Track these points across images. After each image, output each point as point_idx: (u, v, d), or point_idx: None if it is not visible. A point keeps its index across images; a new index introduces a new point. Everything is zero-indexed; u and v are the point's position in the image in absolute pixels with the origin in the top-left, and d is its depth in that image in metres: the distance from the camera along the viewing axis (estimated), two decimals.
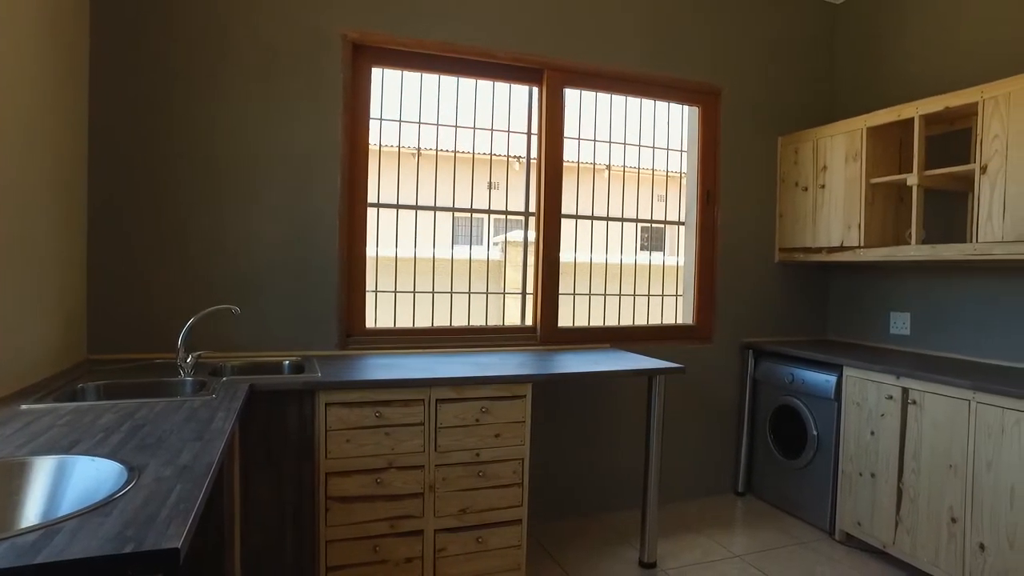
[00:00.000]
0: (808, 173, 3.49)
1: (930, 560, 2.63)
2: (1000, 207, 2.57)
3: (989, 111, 2.62)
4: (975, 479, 2.45)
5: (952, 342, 3.17)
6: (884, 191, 3.18)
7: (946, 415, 2.56)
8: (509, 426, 2.41)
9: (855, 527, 2.98)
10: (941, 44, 3.26)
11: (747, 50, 3.62)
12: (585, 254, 3.60)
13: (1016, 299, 2.91)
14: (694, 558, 2.89)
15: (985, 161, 2.63)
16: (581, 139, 3.44)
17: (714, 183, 3.57)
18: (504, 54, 3.07)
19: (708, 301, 3.59)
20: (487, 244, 4.10)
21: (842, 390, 3.03)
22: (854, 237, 3.19)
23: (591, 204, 3.49)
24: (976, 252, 2.66)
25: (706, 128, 3.56)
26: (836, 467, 3.07)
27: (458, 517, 2.37)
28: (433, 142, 3.15)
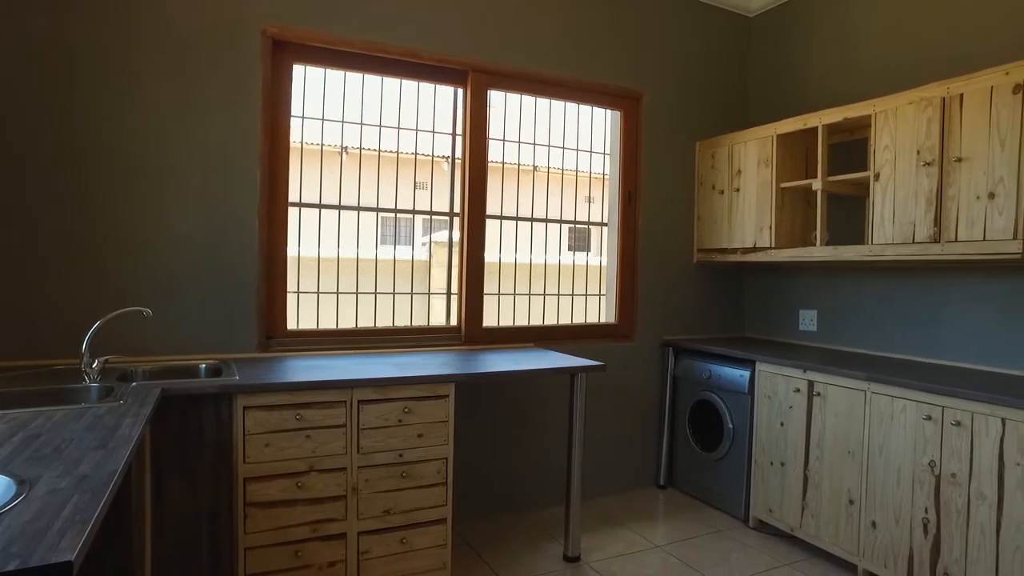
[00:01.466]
0: (724, 177, 3.65)
1: (831, 540, 2.80)
2: (890, 212, 2.77)
3: (880, 124, 2.81)
4: (869, 463, 2.63)
5: (854, 337, 3.38)
6: (793, 195, 3.36)
7: (845, 405, 2.74)
8: (432, 426, 2.42)
9: (767, 514, 3.14)
10: (842, 59, 3.48)
11: (667, 58, 3.75)
12: (513, 254, 3.64)
13: (906, 297, 3.13)
14: (617, 550, 2.97)
15: (877, 169, 2.83)
16: (506, 140, 3.47)
17: (635, 185, 3.68)
18: (429, 55, 3.07)
19: (629, 300, 3.70)
20: (416, 244, 4.08)
21: (755, 384, 3.18)
22: (766, 238, 3.36)
23: (515, 205, 3.53)
24: (871, 254, 2.85)
25: (627, 132, 3.66)
26: (750, 458, 3.23)
27: (382, 519, 2.36)
28: (360, 142, 3.12)
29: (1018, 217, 2.36)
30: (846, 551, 2.74)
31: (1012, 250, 2.37)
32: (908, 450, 2.49)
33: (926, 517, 2.43)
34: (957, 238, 2.54)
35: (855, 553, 2.70)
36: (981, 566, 2.26)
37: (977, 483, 2.27)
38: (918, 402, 2.46)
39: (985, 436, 2.25)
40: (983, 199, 2.46)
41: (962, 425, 2.32)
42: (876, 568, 2.62)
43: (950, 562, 2.35)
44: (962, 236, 2.53)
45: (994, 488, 2.23)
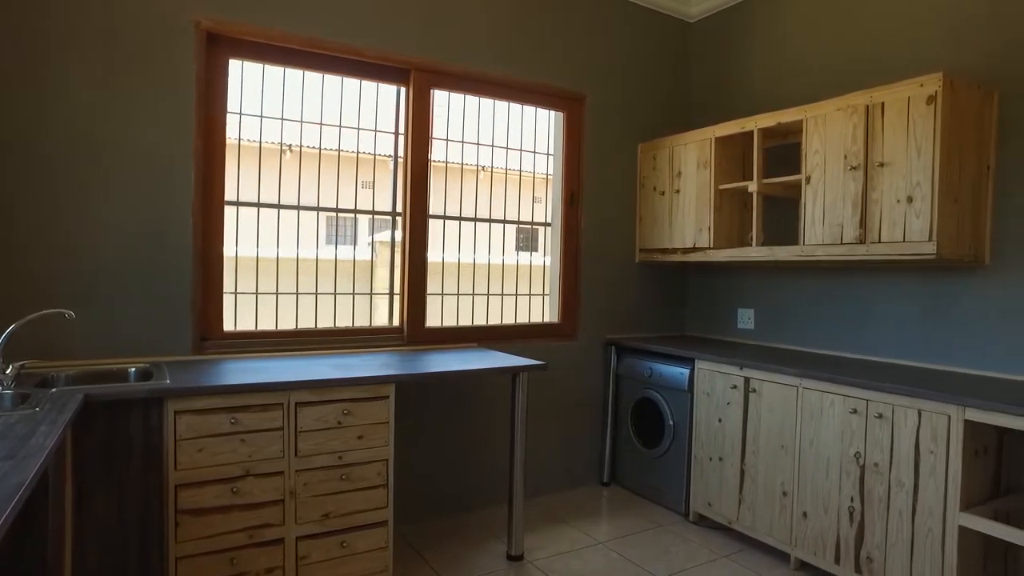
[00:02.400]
0: (665, 178, 3.72)
1: (766, 531, 2.89)
2: (821, 214, 2.88)
3: (811, 129, 2.92)
4: (801, 456, 2.73)
5: (789, 335, 3.50)
6: (731, 197, 3.46)
7: (779, 401, 2.83)
8: (372, 427, 2.40)
9: (706, 507, 3.22)
10: (778, 66, 3.60)
11: (609, 60, 3.80)
12: (457, 254, 3.63)
13: (836, 295, 3.26)
14: (560, 548, 3.00)
15: (808, 173, 2.93)
16: (449, 140, 3.47)
17: (578, 186, 3.72)
18: (370, 52, 3.04)
19: (572, 300, 3.74)
20: (360, 244, 4.03)
21: (694, 382, 3.26)
22: (705, 239, 3.45)
23: (459, 205, 3.52)
24: (803, 254, 2.96)
25: (570, 133, 3.70)
26: (690, 453, 3.30)
27: (321, 523, 2.32)
28: (300, 140, 3.06)
29: (933, 220, 2.48)
30: (780, 541, 2.84)
31: (928, 251, 2.50)
32: (836, 442, 2.59)
33: (852, 505, 2.54)
34: (880, 239, 2.66)
35: (788, 543, 2.80)
36: (899, 549, 2.38)
37: (896, 471, 2.39)
38: (845, 396, 2.56)
39: (904, 427, 2.36)
40: (903, 203, 2.58)
41: (884, 417, 2.43)
42: (807, 556, 2.72)
43: (872, 547, 2.46)
44: (885, 237, 2.65)
45: (911, 475, 2.34)
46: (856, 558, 2.52)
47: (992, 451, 2.37)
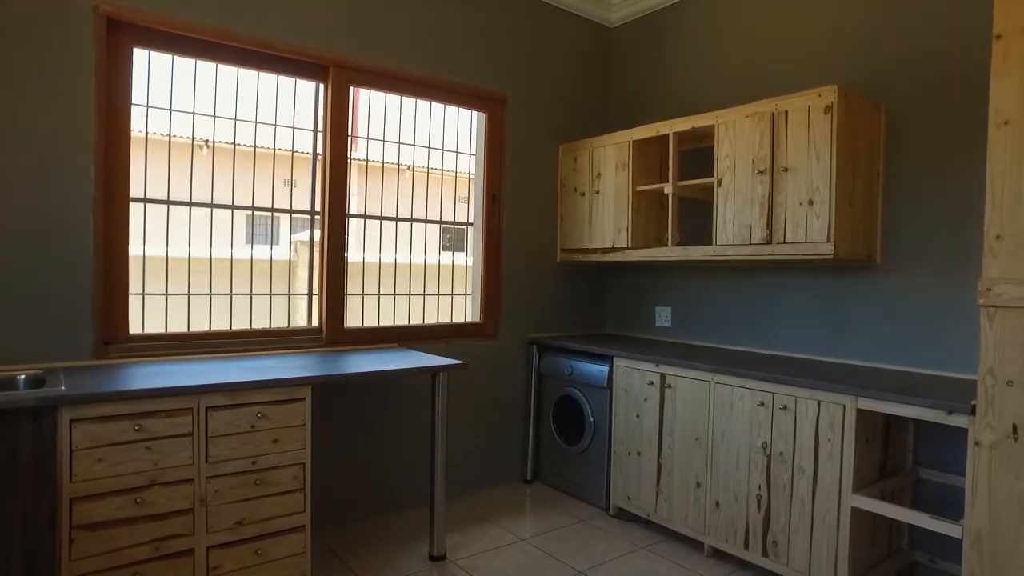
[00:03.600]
0: (585, 180, 3.80)
1: (682, 521, 3.00)
2: (731, 215, 3.01)
3: (722, 134, 3.05)
4: (713, 448, 2.85)
5: (704, 332, 3.64)
6: (648, 198, 3.56)
7: (693, 396, 2.94)
8: (288, 430, 2.33)
9: (626, 501, 3.30)
10: (693, 72, 3.74)
11: (531, 62, 3.85)
12: (378, 254, 3.59)
13: (747, 294, 3.42)
14: (483, 546, 3.01)
15: (720, 176, 3.06)
16: (370, 139, 3.42)
17: (499, 186, 3.75)
18: (286, 47, 2.96)
19: (494, 300, 3.76)
20: (282, 244, 3.92)
21: (613, 379, 3.34)
22: (623, 239, 3.54)
23: (382, 204, 3.48)
24: (716, 254, 3.09)
25: (492, 134, 3.72)
26: (610, 449, 3.38)
27: (234, 530, 2.24)
28: (213, 135, 2.94)
29: (831, 222, 2.65)
30: (694, 530, 2.95)
31: (826, 251, 2.66)
32: (745, 434, 2.72)
33: (759, 493, 2.67)
34: (785, 240, 2.81)
35: (702, 531, 2.91)
36: (800, 532, 2.52)
37: (799, 459, 2.53)
38: (753, 390, 2.69)
39: (805, 417, 2.51)
40: (804, 205, 2.73)
41: (788, 409, 2.56)
42: (719, 543, 2.84)
43: (777, 531, 2.60)
44: (789, 238, 2.80)
45: (811, 462, 2.49)
46: (763, 542, 2.65)
47: (880, 437, 2.55)
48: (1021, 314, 1.94)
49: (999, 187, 1.99)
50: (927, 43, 2.75)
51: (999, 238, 1.99)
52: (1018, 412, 1.95)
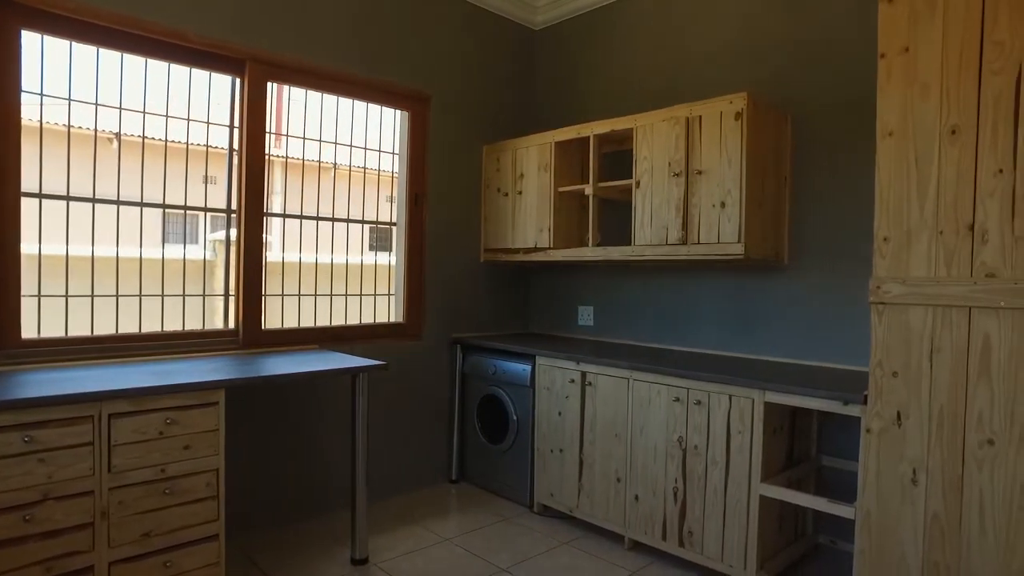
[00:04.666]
0: (508, 180, 3.83)
1: (603, 516, 3.07)
2: (649, 216, 3.10)
3: (640, 137, 3.14)
4: (632, 443, 2.93)
5: (624, 330, 3.74)
6: (569, 199, 3.62)
7: (612, 393, 3.01)
8: (200, 436, 2.25)
9: (549, 498, 3.35)
10: (614, 76, 3.83)
11: (455, 62, 3.84)
12: (310, 254, 3.50)
13: (665, 293, 3.53)
14: (407, 548, 2.99)
15: (638, 178, 3.15)
16: (289, 135, 3.34)
17: (423, 187, 3.73)
18: (199, 38, 2.84)
19: (418, 300, 3.74)
20: (200, 243, 3.76)
21: (535, 377, 3.38)
22: (545, 239, 3.59)
23: (301, 202, 3.40)
24: (634, 254, 3.17)
25: (415, 133, 3.70)
26: (533, 447, 3.42)
27: (140, 543, 2.13)
28: (120, 127, 2.80)
29: (741, 224, 2.77)
30: (615, 524, 3.02)
31: (737, 252, 2.78)
32: (662, 429, 2.81)
33: (676, 486, 2.76)
34: (699, 241, 2.92)
35: (622, 525, 2.99)
36: (713, 521, 2.63)
37: (712, 451, 2.63)
38: (669, 386, 2.78)
39: (718, 411, 2.61)
40: (717, 207, 2.85)
41: (702, 404, 2.67)
42: (639, 536, 2.92)
43: (692, 521, 2.70)
44: (703, 239, 2.91)
45: (723, 454, 2.60)
46: (680, 533, 2.75)
47: (787, 428, 2.68)
48: (904, 310, 2.09)
49: (886, 193, 2.14)
50: (829, 56, 2.91)
51: (886, 240, 2.14)
52: (902, 401, 2.09)
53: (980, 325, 1.95)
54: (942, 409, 2.02)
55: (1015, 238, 1.88)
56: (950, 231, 2.01)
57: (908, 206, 2.09)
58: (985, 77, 1.94)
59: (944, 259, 2.02)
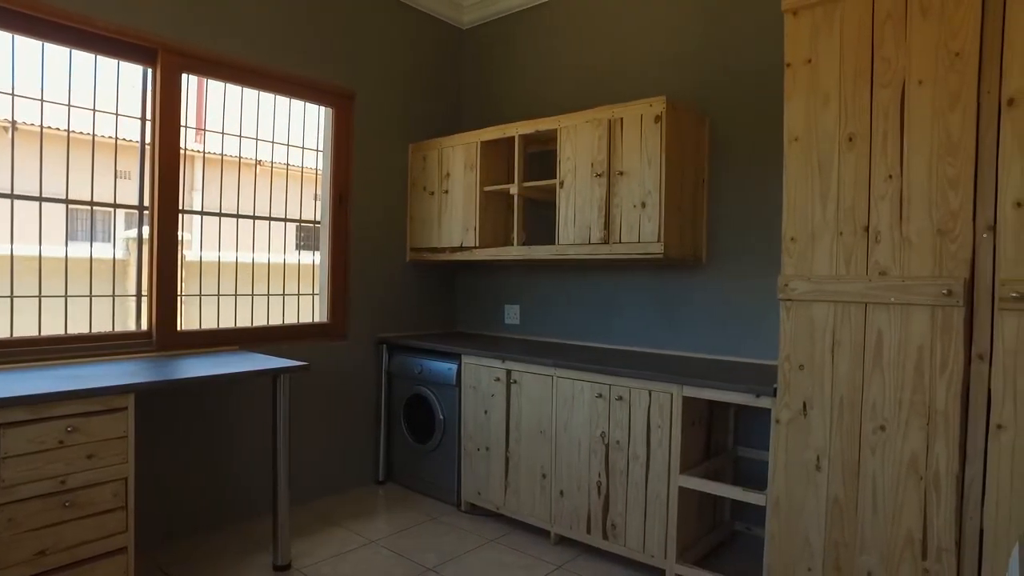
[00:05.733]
0: (434, 179, 3.81)
1: (529, 512, 3.10)
2: (572, 216, 3.16)
3: (564, 138, 3.19)
4: (557, 440, 2.97)
5: (550, 328, 3.79)
6: (495, 198, 3.64)
7: (537, 390, 3.05)
8: (106, 444, 2.14)
9: (476, 496, 3.35)
10: (540, 76, 3.87)
11: (381, 59, 3.80)
12: (231, 253, 3.38)
13: (588, 291, 3.60)
14: (330, 551, 2.93)
15: (562, 178, 3.20)
16: (207, 130, 3.22)
17: (347, 185, 3.67)
18: (105, 23, 2.70)
19: (342, 299, 3.68)
20: (108, 240, 3.57)
21: (461, 376, 3.38)
22: (471, 238, 3.59)
23: (220, 198, 3.29)
24: (558, 253, 3.22)
25: (339, 130, 3.63)
26: (460, 446, 3.42)
27: (34, 562, 2.00)
28: (12, 115, 2.62)
29: (661, 224, 2.85)
30: (541, 520, 3.06)
31: (657, 251, 2.87)
32: (586, 425, 2.86)
33: (599, 480, 2.82)
34: (621, 240, 2.99)
35: (548, 521, 3.03)
36: (635, 513, 2.70)
37: (634, 446, 2.70)
38: (592, 383, 2.84)
39: (639, 407, 2.68)
40: (638, 208, 2.93)
41: (623, 400, 2.73)
42: (564, 531, 2.97)
43: (615, 514, 2.77)
44: (624, 238, 2.98)
45: (644, 448, 2.67)
46: (604, 526, 2.81)
47: (704, 421, 2.79)
48: (808, 306, 2.21)
49: (792, 196, 2.25)
50: (744, 64, 3.04)
51: (793, 240, 2.25)
52: (807, 392, 2.21)
53: (874, 320, 2.08)
54: (842, 399, 2.14)
55: (903, 239, 2.02)
56: (848, 232, 2.14)
57: (812, 208, 2.21)
58: (876, 89, 2.07)
59: (844, 258, 2.15)
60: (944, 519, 1.95)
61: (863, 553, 2.10)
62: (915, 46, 2.00)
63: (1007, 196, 1.84)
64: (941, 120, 1.96)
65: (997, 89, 1.87)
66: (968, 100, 1.91)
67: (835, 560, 2.15)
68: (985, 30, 1.90)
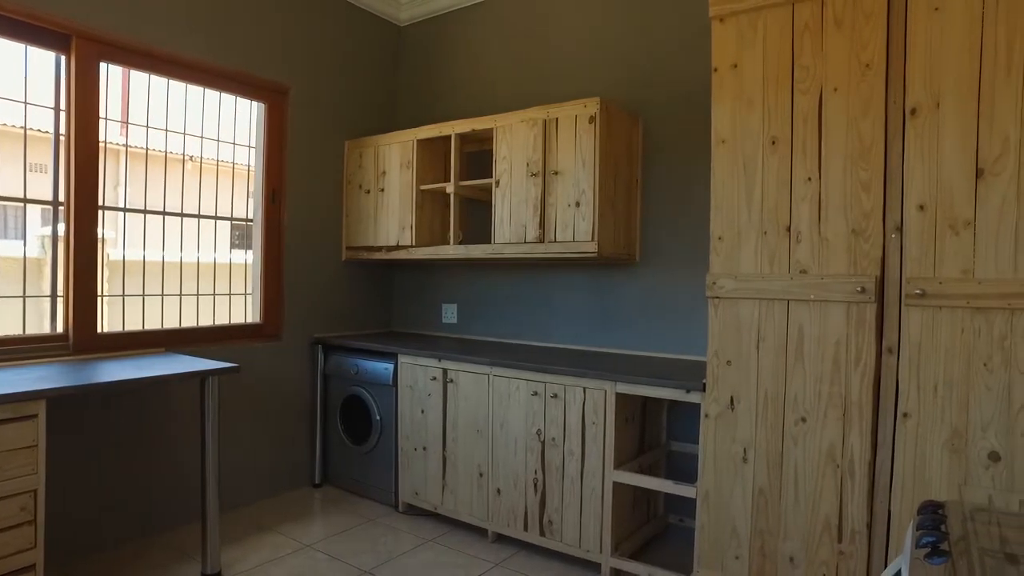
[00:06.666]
0: (370, 177, 3.76)
1: (467, 511, 3.10)
2: (508, 215, 3.17)
3: (500, 137, 3.20)
4: (494, 438, 2.98)
5: (487, 327, 3.79)
6: (432, 197, 3.62)
7: (474, 389, 3.05)
8: (13, 454, 2.02)
9: (414, 496, 3.33)
10: (477, 76, 3.87)
11: (317, 54, 3.72)
12: (156, 252, 3.24)
13: (524, 290, 3.63)
14: (263, 557, 2.86)
15: (498, 177, 3.21)
16: (128, 123, 3.08)
17: (280, 182, 3.58)
18: (13, 6, 2.55)
19: (276, 299, 3.59)
20: (12, 236, 3.37)
21: (398, 376, 3.35)
22: (407, 237, 3.56)
23: (145, 194, 3.15)
24: (494, 252, 3.23)
25: (272, 126, 3.54)
26: (397, 446, 3.39)
27: None
28: None
29: (595, 223, 2.90)
30: (479, 518, 3.06)
31: (591, 250, 2.91)
32: (522, 422, 2.88)
33: (536, 477, 2.84)
34: (556, 239, 3.02)
35: (486, 519, 3.03)
36: (571, 509, 2.74)
37: (569, 443, 2.74)
38: (528, 381, 2.86)
39: (573, 404, 2.72)
40: (572, 207, 2.96)
41: (558, 397, 2.77)
42: (502, 528, 2.98)
43: (552, 511, 2.80)
44: (559, 237, 3.01)
45: (579, 445, 2.71)
46: (540, 523, 2.84)
47: (638, 417, 2.85)
48: (735, 304, 2.29)
49: (720, 196, 2.33)
50: (676, 67, 3.12)
51: (721, 239, 2.33)
52: (734, 386, 2.29)
53: (796, 316, 2.17)
54: (767, 393, 2.23)
55: (822, 239, 2.12)
56: (772, 232, 2.22)
57: (738, 208, 2.29)
58: (796, 95, 2.16)
59: (768, 257, 2.23)
60: (857, 504, 2.05)
61: (786, 539, 2.19)
62: (831, 56, 2.10)
63: (912, 199, 1.96)
64: (855, 127, 2.06)
65: (902, 99, 1.98)
66: (877, 109, 2.02)
67: (760, 547, 2.24)
68: (891, 44, 2.01)
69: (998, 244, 1.83)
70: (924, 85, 1.94)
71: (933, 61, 1.92)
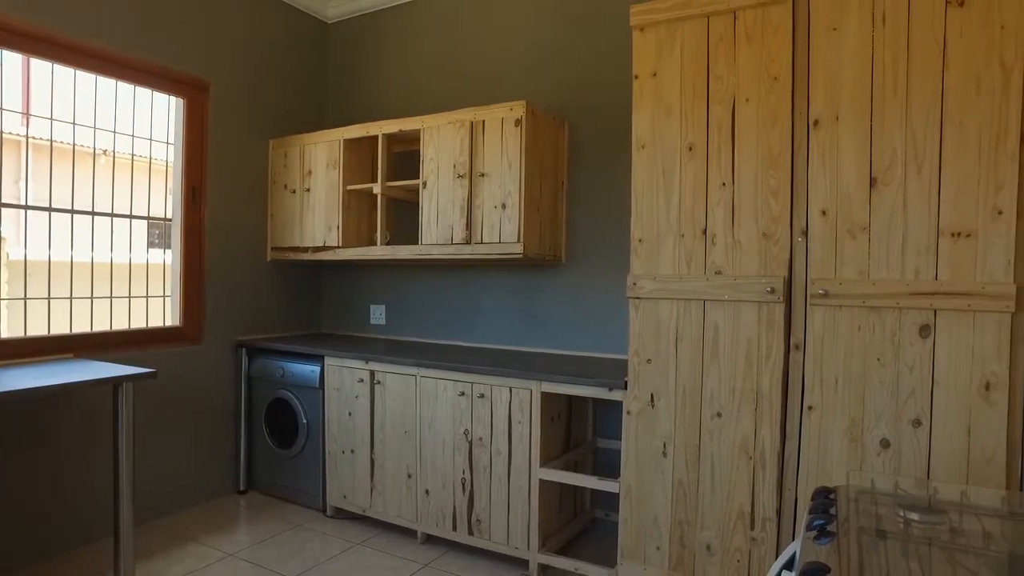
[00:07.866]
0: (296, 176, 3.69)
1: (396, 513, 3.09)
2: (435, 216, 3.18)
3: (427, 138, 3.20)
4: (422, 439, 2.98)
5: (415, 328, 3.79)
6: (359, 197, 3.58)
7: (401, 390, 3.04)
8: None
9: (342, 500, 3.29)
10: (405, 76, 3.85)
11: (240, 49, 3.61)
12: (65, 252, 3.07)
13: (452, 291, 3.64)
14: (185, 568, 2.77)
15: (425, 178, 3.21)
16: (31, 115, 2.91)
17: (201, 181, 3.46)
18: None
19: (197, 301, 3.47)
20: None
21: (325, 378, 3.31)
22: (334, 237, 3.52)
23: (49, 191, 2.98)
24: (421, 253, 3.23)
25: (192, 122, 3.42)
26: (324, 449, 3.34)
27: None
28: None
29: (520, 225, 2.94)
30: (408, 520, 3.06)
31: (517, 251, 2.95)
32: (449, 423, 2.90)
33: (464, 477, 2.86)
34: (483, 240, 3.05)
35: (415, 520, 3.03)
36: (499, 508, 2.78)
37: (496, 442, 2.77)
38: (455, 381, 2.88)
39: (500, 404, 2.76)
40: (499, 209, 3.00)
41: (485, 397, 2.79)
42: (431, 529, 2.98)
43: (480, 510, 2.82)
44: (486, 239, 3.04)
45: (506, 444, 2.75)
46: (469, 522, 2.86)
47: (564, 415, 2.91)
48: (655, 304, 2.38)
49: (640, 199, 2.41)
50: (600, 73, 3.19)
51: (641, 241, 2.41)
52: (654, 384, 2.38)
53: (711, 315, 2.27)
54: (685, 389, 2.32)
55: (735, 241, 2.23)
56: (689, 235, 2.32)
57: (657, 211, 2.38)
58: (712, 104, 2.27)
59: (685, 259, 2.33)
60: (768, 492, 2.17)
61: (703, 529, 2.29)
62: (742, 68, 2.21)
63: (815, 205, 2.09)
64: (764, 136, 2.18)
65: (807, 111, 2.11)
66: (784, 119, 2.14)
67: (680, 537, 2.34)
68: (796, 59, 2.14)
69: (889, 248, 1.97)
70: (825, 99, 2.07)
71: (832, 77, 2.06)
